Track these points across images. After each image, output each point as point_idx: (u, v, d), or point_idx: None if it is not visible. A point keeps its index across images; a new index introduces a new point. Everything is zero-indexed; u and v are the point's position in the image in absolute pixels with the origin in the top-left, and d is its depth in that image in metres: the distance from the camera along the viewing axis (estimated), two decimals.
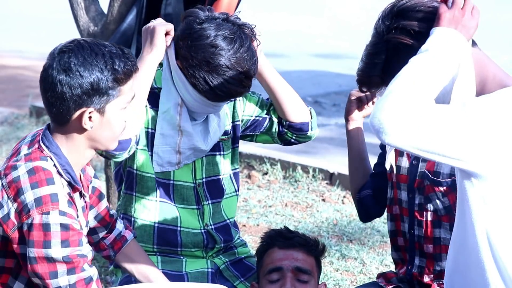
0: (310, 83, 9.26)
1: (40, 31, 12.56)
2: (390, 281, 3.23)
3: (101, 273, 4.40)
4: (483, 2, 12.52)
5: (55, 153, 2.52)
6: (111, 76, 2.48)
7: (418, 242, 3.10)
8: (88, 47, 2.49)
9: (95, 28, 4.25)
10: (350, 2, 16.99)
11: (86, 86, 2.46)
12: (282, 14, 15.11)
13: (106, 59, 2.48)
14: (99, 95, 2.48)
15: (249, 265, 3.28)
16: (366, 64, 2.49)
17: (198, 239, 3.15)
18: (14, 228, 2.45)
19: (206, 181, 3.17)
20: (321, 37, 13.11)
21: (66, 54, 2.47)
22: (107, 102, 2.50)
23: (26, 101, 7.91)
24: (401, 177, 3.10)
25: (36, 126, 7.16)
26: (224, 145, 3.20)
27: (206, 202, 3.16)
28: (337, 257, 4.68)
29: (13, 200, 2.45)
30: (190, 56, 2.91)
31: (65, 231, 2.44)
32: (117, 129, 2.56)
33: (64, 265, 2.45)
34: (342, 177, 5.91)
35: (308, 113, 3.26)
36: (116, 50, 2.51)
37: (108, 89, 2.48)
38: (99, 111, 2.50)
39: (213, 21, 2.93)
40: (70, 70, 2.45)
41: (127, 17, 4.13)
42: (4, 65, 9.93)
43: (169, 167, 3.10)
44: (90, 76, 2.46)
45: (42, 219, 2.42)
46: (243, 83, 2.94)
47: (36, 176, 2.46)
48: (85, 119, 2.49)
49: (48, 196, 2.43)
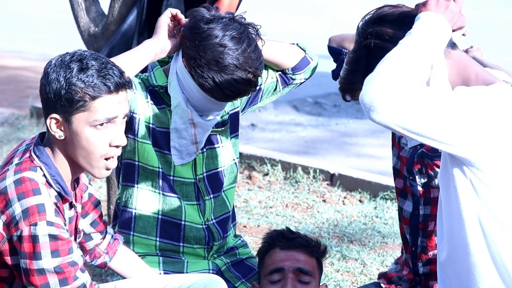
0: (310, 84, 9.24)
1: (41, 32, 12.55)
2: (392, 281, 3.23)
3: (102, 273, 4.40)
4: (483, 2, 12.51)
5: (45, 163, 2.51)
6: (73, 86, 2.42)
7: (423, 222, 3.11)
8: (73, 55, 2.47)
9: (96, 29, 4.25)
10: (349, 3, 16.99)
11: (51, 91, 2.45)
12: (283, 16, 15.10)
13: (77, 68, 2.43)
14: (62, 103, 2.44)
15: (250, 266, 3.27)
16: (348, 71, 2.52)
17: (200, 235, 3.15)
18: (3, 240, 2.45)
19: (207, 175, 3.16)
20: (321, 38, 13.10)
21: (54, 59, 2.50)
22: (71, 113, 2.44)
23: (27, 102, 7.90)
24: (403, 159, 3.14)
25: (37, 127, 7.15)
26: (221, 137, 3.20)
27: (208, 197, 3.16)
28: (337, 258, 4.67)
29: (1, 212, 2.44)
30: (199, 55, 2.90)
31: (54, 241, 2.43)
32: (92, 149, 2.48)
33: (55, 276, 2.44)
34: (342, 178, 5.90)
35: (298, 49, 3.28)
36: (99, 66, 2.45)
37: (70, 98, 2.43)
38: (65, 120, 2.46)
39: (220, 20, 2.93)
40: (45, 73, 2.47)
41: (128, 17, 4.12)
42: (4, 66, 9.92)
43: (188, 158, 3.10)
44: (55, 82, 2.44)
45: (31, 231, 2.41)
46: (251, 82, 2.94)
47: (22, 186, 2.44)
48: (51, 124, 2.47)
49: (35, 206, 2.41)
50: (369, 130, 7.42)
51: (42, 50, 10.81)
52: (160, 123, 3.08)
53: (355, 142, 7.16)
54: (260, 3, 15.05)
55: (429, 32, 2.32)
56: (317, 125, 7.61)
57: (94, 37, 4.23)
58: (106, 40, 4.18)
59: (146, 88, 3.09)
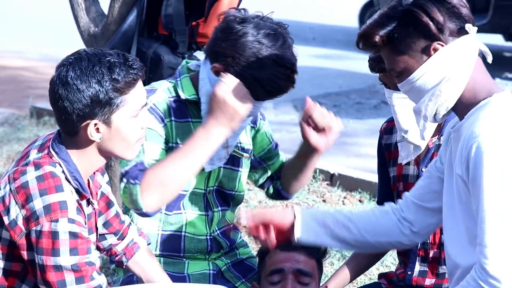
0: (310, 84, 9.25)
1: (41, 32, 12.55)
2: (392, 281, 3.22)
3: (102, 273, 4.39)
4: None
5: (64, 160, 2.50)
6: (111, 87, 2.43)
7: (423, 249, 3.09)
8: (87, 59, 2.44)
9: (96, 29, 4.24)
10: (349, 4, 16.99)
11: (86, 99, 2.42)
12: (283, 16, 15.11)
13: (104, 69, 2.43)
14: (101, 107, 2.44)
15: (250, 265, 3.27)
16: (376, 22, 2.46)
17: (202, 246, 3.13)
18: (21, 234, 2.43)
19: (216, 189, 3.14)
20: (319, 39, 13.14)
21: (65, 68, 2.45)
22: (111, 113, 2.46)
23: (27, 102, 7.90)
24: (409, 185, 3.08)
25: (37, 127, 7.15)
26: (244, 163, 3.19)
27: (216, 209, 3.15)
28: (337, 258, 4.67)
29: (21, 206, 2.42)
30: (237, 54, 2.84)
31: (74, 239, 2.42)
32: (131, 138, 2.52)
33: (72, 274, 2.43)
34: (342, 178, 5.90)
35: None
36: (117, 59, 2.46)
37: (109, 99, 2.43)
38: (104, 122, 2.46)
39: (252, 20, 2.90)
40: (68, 84, 2.42)
41: (128, 18, 4.12)
42: (5, 66, 9.92)
43: (219, 163, 3.07)
44: (88, 89, 2.42)
45: (51, 227, 2.40)
46: (290, 78, 2.90)
47: (45, 182, 2.43)
48: (91, 131, 2.46)
49: (57, 203, 2.41)
50: (369, 130, 7.42)
51: (42, 50, 10.81)
52: (182, 139, 2.98)
53: (355, 142, 7.16)
54: (261, 4, 15.05)
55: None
56: None
57: (94, 37, 4.23)
58: (106, 40, 4.18)
59: (171, 99, 3.02)
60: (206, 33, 4.07)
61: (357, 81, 9.40)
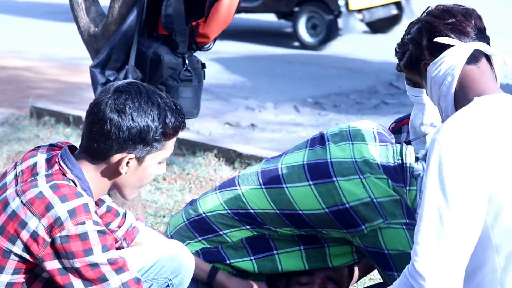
0: (310, 84, 9.25)
1: (41, 32, 12.56)
2: None
3: None
4: (484, 2, 12.52)
5: (78, 177, 2.49)
6: (161, 129, 2.46)
7: None
8: (146, 94, 2.47)
9: (96, 29, 4.24)
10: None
11: (135, 131, 2.44)
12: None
13: (161, 110, 2.46)
14: (144, 144, 2.46)
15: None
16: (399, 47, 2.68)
17: None
18: (45, 244, 2.41)
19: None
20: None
21: (124, 95, 2.45)
22: (148, 153, 2.48)
23: (27, 102, 7.89)
24: None
25: (37, 127, 7.14)
26: None
27: None
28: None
29: (40, 216, 2.40)
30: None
31: (103, 236, 2.43)
32: (145, 181, 2.55)
33: (109, 266, 2.43)
34: None
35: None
36: (169, 103, 2.49)
37: (154, 140, 2.46)
38: (138, 159, 2.49)
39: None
40: (123, 112, 2.44)
41: (128, 18, 4.12)
42: (5, 66, 9.91)
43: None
44: (141, 123, 2.44)
45: (78, 229, 2.39)
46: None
47: (61, 190, 2.43)
48: (123, 163, 2.48)
49: (81, 206, 2.41)
50: None
51: (42, 51, 10.81)
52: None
53: None
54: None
55: None
56: (317, 125, 7.61)
57: (94, 37, 4.23)
58: (106, 40, 4.18)
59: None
60: (206, 33, 4.07)
61: (357, 81, 9.40)
